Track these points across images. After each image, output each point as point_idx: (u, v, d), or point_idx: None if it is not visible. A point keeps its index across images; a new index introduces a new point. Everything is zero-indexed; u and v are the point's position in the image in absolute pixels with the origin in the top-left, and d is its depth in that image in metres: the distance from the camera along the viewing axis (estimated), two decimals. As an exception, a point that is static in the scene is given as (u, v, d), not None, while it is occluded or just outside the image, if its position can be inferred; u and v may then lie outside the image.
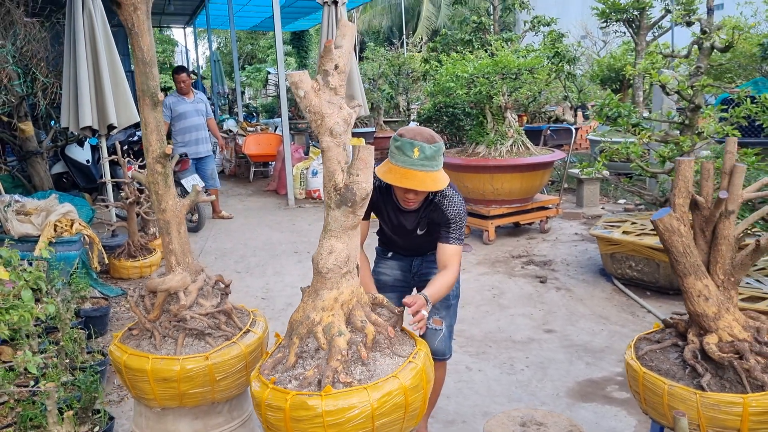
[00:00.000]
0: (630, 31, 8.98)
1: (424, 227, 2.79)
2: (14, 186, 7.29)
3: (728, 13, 11.90)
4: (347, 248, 2.20)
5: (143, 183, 2.60)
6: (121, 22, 2.42)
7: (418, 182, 2.44)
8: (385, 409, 2.01)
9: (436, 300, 2.58)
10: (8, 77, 6.47)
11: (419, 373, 2.13)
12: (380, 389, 2.02)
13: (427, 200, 2.69)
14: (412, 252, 3.04)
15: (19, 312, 1.99)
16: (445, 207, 2.66)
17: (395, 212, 2.79)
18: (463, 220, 2.69)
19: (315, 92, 2.07)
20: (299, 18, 19.66)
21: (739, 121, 4.74)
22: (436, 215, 2.69)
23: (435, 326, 2.86)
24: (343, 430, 1.98)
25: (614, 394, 3.59)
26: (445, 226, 2.66)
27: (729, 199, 2.23)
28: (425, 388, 2.16)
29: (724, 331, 2.23)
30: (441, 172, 2.53)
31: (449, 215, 2.65)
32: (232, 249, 7.01)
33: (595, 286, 5.34)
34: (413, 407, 2.12)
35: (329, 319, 2.16)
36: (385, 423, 2.03)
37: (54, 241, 4.88)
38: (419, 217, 2.76)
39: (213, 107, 18.91)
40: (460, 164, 6.80)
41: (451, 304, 2.94)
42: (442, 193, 2.67)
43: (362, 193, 2.11)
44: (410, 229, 2.83)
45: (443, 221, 2.66)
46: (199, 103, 7.82)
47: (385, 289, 3.04)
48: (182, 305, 2.57)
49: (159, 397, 2.54)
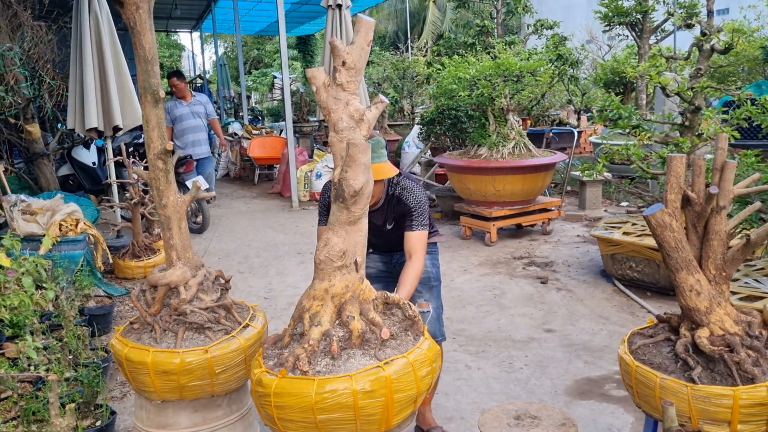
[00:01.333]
0: (633, 34, 9.01)
1: (392, 221, 2.95)
2: (21, 188, 7.36)
3: (733, 16, 11.91)
4: (343, 243, 2.23)
5: (145, 179, 2.65)
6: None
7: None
8: (326, 405, 2.03)
9: (409, 293, 2.73)
10: (15, 79, 6.55)
11: (382, 381, 2.08)
12: (325, 385, 2.04)
13: (389, 195, 2.90)
14: (389, 248, 3.16)
15: (20, 297, 2.04)
16: (405, 197, 2.86)
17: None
18: (423, 207, 2.87)
19: (324, 88, 2.13)
20: (305, 23, 19.77)
21: (739, 123, 4.77)
22: (399, 207, 2.89)
23: (422, 309, 2.91)
24: (285, 414, 2.09)
25: (612, 392, 3.62)
26: (408, 216, 2.86)
27: (720, 195, 2.26)
28: (388, 397, 2.09)
29: (716, 325, 2.25)
30: (386, 164, 2.75)
31: (410, 204, 2.85)
32: (235, 250, 7.06)
33: (595, 287, 5.36)
34: (367, 412, 2.07)
35: (317, 308, 2.22)
36: (328, 419, 2.05)
37: (59, 240, 4.94)
38: (385, 213, 2.94)
39: (218, 111, 19.06)
40: (462, 166, 6.83)
41: (433, 286, 3.07)
42: (401, 185, 2.89)
43: (350, 190, 2.15)
44: (380, 224, 2.98)
45: (406, 211, 2.86)
46: (196, 106, 7.88)
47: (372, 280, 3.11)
48: (182, 299, 2.61)
49: (159, 390, 2.58)
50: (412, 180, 2.93)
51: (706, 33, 5.08)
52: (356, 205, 2.18)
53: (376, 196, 2.82)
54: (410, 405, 2.18)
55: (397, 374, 2.11)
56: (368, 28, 2.24)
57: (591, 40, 15.31)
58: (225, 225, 8.34)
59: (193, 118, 7.83)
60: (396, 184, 2.89)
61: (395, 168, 2.81)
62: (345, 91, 2.23)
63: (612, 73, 11.01)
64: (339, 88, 2.21)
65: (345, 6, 8.76)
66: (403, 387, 2.13)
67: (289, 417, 2.10)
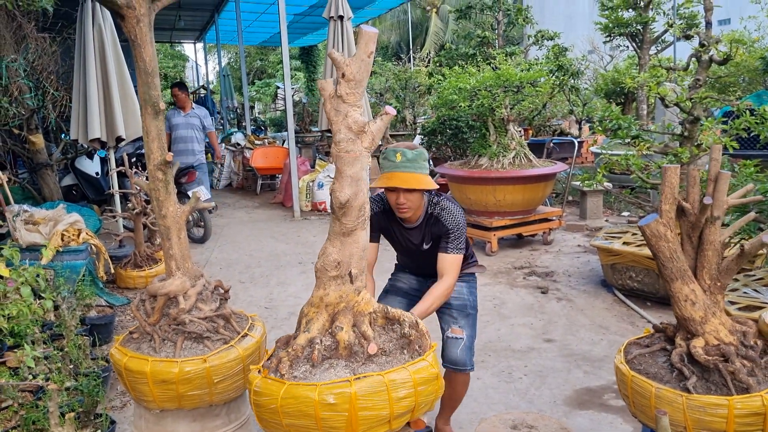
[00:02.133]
0: (633, 45, 9.06)
1: (429, 241, 2.91)
2: (24, 198, 7.41)
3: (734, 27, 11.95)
4: (338, 253, 2.25)
5: (145, 189, 2.68)
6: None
7: (402, 181, 2.64)
8: (290, 410, 2.08)
9: (427, 312, 2.67)
10: (19, 90, 6.62)
11: (346, 396, 2.05)
12: (292, 391, 2.09)
13: (427, 214, 2.85)
14: (424, 272, 3.11)
15: (18, 306, 2.06)
16: (444, 218, 2.81)
17: (401, 231, 2.95)
18: (461, 230, 2.81)
19: (329, 99, 2.16)
20: (308, 33, 19.89)
21: (738, 133, 4.79)
22: (437, 227, 2.83)
23: (455, 335, 2.86)
24: (261, 412, 2.19)
25: (611, 402, 3.62)
26: (444, 237, 2.80)
27: (714, 205, 2.27)
28: (352, 413, 2.06)
29: (711, 334, 2.26)
30: (425, 176, 2.68)
31: (448, 225, 2.79)
32: (237, 260, 7.09)
33: (596, 297, 5.37)
34: (329, 424, 2.06)
35: (313, 315, 2.25)
36: (293, 423, 2.09)
37: (61, 250, 4.97)
38: (423, 232, 2.89)
39: (221, 121, 19.14)
40: (462, 176, 6.86)
41: (469, 314, 2.98)
42: (441, 205, 2.83)
43: (336, 202, 2.19)
44: (417, 243, 2.94)
45: (443, 232, 2.81)
46: (192, 118, 8.05)
47: (398, 293, 3.13)
48: (181, 309, 2.63)
49: (158, 399, 2.59)
50: (452, 201, 2.88)
51: (704, 44, 5.11)
52: (346, 216, 2.20)
53: (414, 209, 2.78)
54: (382, 425, 2.12)
55: (364, 392, 2.07)
56: (368, 39, 2.24)
57: (593, 51, 15.37)
58: (227, 235, 8.36)
59: (187, 128, 7.99)
60: (436, 204, 2.85)
61: (434, 183, 2.74)
62: (345, 102, 2.24)
63: (613, 83, 11.05)
64: (339, 100, 2.24)
65: (347, 17, 8.82)
66: (371, 405, 2.08)
67: (263, 416, 2.19)
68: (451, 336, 2.87)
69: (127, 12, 2.42)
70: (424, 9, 28.09)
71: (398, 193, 2.70)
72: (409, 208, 2.74)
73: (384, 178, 2.70)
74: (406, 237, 2.95)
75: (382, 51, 27.70)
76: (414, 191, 2.71)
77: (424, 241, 2.92)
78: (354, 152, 2.18)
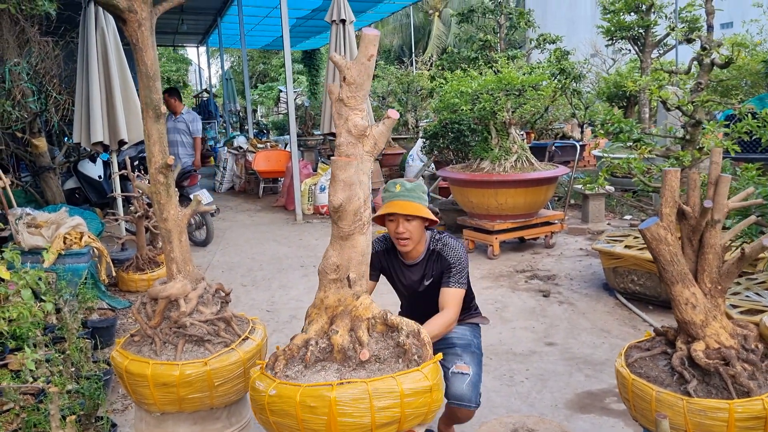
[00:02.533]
0: (635, 48, 9.06)
1: (430, 277, 2.90)
2: (27, 201, 7.42)
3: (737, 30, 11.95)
4: (337, 257, 2.26)
5: (146, 192, 2.68)
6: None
7: (399, 207, 2.71)
8: (275, 408, 2.12)
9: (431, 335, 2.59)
10: (22, 94, 6.64)
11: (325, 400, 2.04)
12: (278, 389, 2.12)
13: (429, 250, 2.88)
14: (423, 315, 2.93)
15: (18, 309, 2.07)
16: (446, 253, 2.84)
17: (402, 269, 2.96)
18: (463, 264, 2.83)
19: (335, 102, 2.17)
20: (310, 37, 19.94)
21: (740, 137, 4.79)
22: (439, 263, 2.86)
23: (461, 371, 2.80)
24: (257, 408, 2.22)
25: (612, 405, 3.61)
26: (447, 271, 2.82)
27: (714, 209, 2.27)
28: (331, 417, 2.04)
29: (711, 338, 2.26)
30: (423, 206, 2.76)
31: (450, 260, 2.82)
32: (239, 263, 7.09)
33: (597, 300, 5.36)
34: (310, 426, 2.09)
35: (314, 316, 2.26)
36: (279, 422, 2.14)
37: (63, 253, 4.98)
38: (424, 269, 2.91)
39: (224, 124, 19.17)
40: (464, 179, 6.86)
41: (474, 352, 2.94)
42: (443, 241, 2.87)
43: (331, 206, 2.22)
44: (417, 280, 2.93)
45: (445, 267, 2.83)
46: (179, 123, 8.21)
47: None
48: (182, 312, 2.64)
49: (159, 402, 2.60)
50: (454, 238, 2.92)
51: (706, 47, 5.11)
52: (342, 221, 2.20)
53: (414, 240, 2.80)
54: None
55: (344, 399, 2.04)
56: (369, 42, 2.23)
57: (595, 54, 15.37)
58: (229, 238, 8.38)
59: (173, 132, 8.14)
60: (438, 240, 2.88)
61: (432, 215, 2.80)
62: (346, 106, 2.25)
63: (615, 86, 11.05)
64: (341, 104, 2.24)
65: (349, 21, 8.84)
66: (351, 412, 2.05)
67: (255, 410, 2.26)
68: (456, 371, 2.79)
69: (128, 16, 2.43)
70: (426, 12, 28.15)
71: (397, 221, 2.76)
72: (408, 238, 2.77)
73: (384, 207, 2.79)
74: (408, 275, 2.95)
75: (385, 55, 27.75)
76: (413, 220, 2.76)
77: (425, 278, 2.91)
78: (353, 155, 2.18)
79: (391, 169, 13.27)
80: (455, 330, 2.90)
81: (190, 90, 33.20)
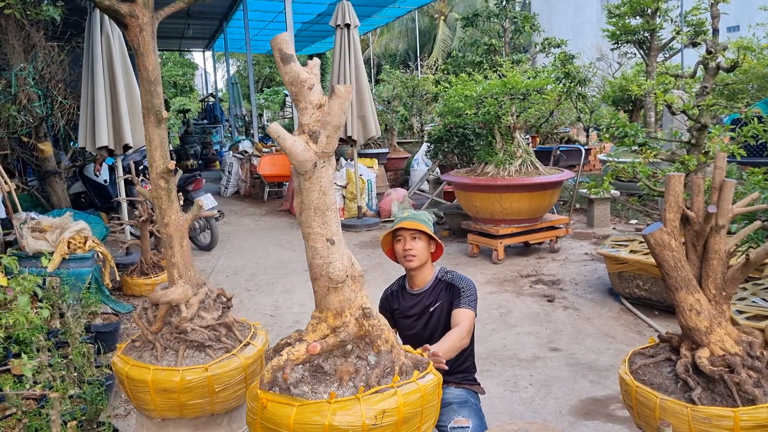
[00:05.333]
0: (641, 52, 9.03)
1: (437, 302, 2.90)
2: (33, 205, 7.45)
3: (743, 33, 11.89)
4: None
5: (148, 198, 2.68)
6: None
7: (409, 224, 2.82)
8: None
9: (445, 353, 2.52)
10: (29, 98, 6.67)
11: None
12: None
13: (437, 279, 2.93)
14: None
15: (15, 315, 2.06)
16: (454, 280, 2.89)
17: (410, 298, 2.97)
18: (472, 290, 2.87)
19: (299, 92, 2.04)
20: (316, 41, 20.00)
21: (747, 141, 4.75)
22: (447, 290, 2.89)
23: (460, 425, 2.73)
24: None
25: (617, 412, 3.58)
26: (456, 296, 2.84)
27: (719, 214, 2.25)
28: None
29: (716, 345, 2.23)
30: (428, 227, 2.84)
31: (459, 285, 2.86)
32: (243, 267, 7.09)
33: (602, 305, 5.33)
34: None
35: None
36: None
37: (67, 257, 4.99)
38: (431, 295, 2.92)
39: (230, 129, 19.20)
40: (469, 183, 6.84)
41: (472, 407, 2.87)
42: (452, 273, 2.94)
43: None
44: (425, 307, 2.91)
45: (455, 293, 2.86)
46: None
47: None
48: (183, 317, 2.63)
49: (159, 408, 2.59)
50: (465, 276, 2.97)
51: (711, 51, 5.08)
52: None
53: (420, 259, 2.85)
54: None
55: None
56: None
57: (601, 58, 15.34)
58: (233, 242, 8.38)
59: None
60: (447, 272, 2.96)
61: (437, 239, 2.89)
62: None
63: (621, 90, 11.02)
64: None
65: (353, 25, 8.83)
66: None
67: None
68: (455, 426, 2.72)
69: (130, 21, 2.43)
70: (432, 17, 28.16)
71: (404, 240, 2.84)
72: (414, 256, 2.83)
73: (392, 229, 2.90)
74: (415, 303, 2.94)
75: (390, 59, 27.77)
76: (418, 239, 2.83)
77: (432, 305, 2.91)
78: None
79: (396, 173, 13.26)
80: (451, 391, 2.86)
81: (196, 94, 33.31)
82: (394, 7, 14.63)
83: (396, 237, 2.90)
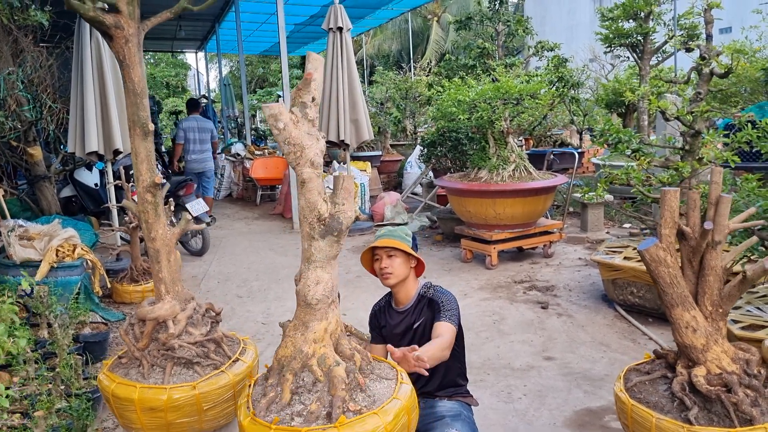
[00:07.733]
0: (634, 55, 9.01)
1: (420, 318, 2.93)
2: (22, 209, 7.37)
3: (735, 36, 11.91)
4: (332, 278, 2.20)
5: (134, 211, 2.63)
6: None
7: (384, 242, 2.84)
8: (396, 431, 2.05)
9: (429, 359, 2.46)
10: (18, 103, 6.58)
11: (412, 392, 2.18)
12: (389, 413, 2.04)
13: (419, 295, 2.95)
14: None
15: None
16: (437, 297, 2.90)
17: (395, 316, 2.99)
18: (453, 305, 2.87)
19: (294, 124, 2.07)
20: (308, 43, 19.90)
21: (740, 147, 4.72)
22: (429, 306, 2.90)
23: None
24: None
25: (612, 423, 3.54)
26: (437, 311, 2.85)
27: (715, 230, 2.21)
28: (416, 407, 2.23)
29: (713, 363, 2.20)
30: (405, 243, 2.84)
31: (438, 300, 2.87)
32: (235, 273, 7.03)
33: (596, 312, 5.30)
34: (412, 426, 2.17)
35: (322, 350, 2.15)
36: None
37: (55, 266, 4.92)
38: (415, 312, 2.94)
39: (222, 131, 19.13)
40: (462, 189, 6.80)
41: (465, 420, 2.84)
42: (434, 288, 2.96)
43: (347, 221, 2.16)
44: (409, 324, 2.93)
45: (435, 308, 2.87)
46: None
47: None
48: (171, 334, 2.58)
49: (146, 427, 2.53)
50: (446, 290, 2.98)
51: (705, 57, 5.05)
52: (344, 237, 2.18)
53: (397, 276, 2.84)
54: None
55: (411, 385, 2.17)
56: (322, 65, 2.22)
57: (594, 59, 15.33)
58: (225, 247, 8.31)
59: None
60: (429, 287, 2.97)
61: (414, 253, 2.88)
62: (315, 126, 2.17)
63: (614, 93, 11.01)
64: (311, 124, 2.14)
65: (346, 28, 8.77)
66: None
67: None
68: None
69: (115, 32, 2.38)
70: (425, 18, 28.14)
71: (381, 258, 2.85)
72: (391, 273, 2.83)
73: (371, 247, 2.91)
74: (400, 321, 2.96)
75: (383, 60, 27.72)
76: (394, 256, 2.83)
77: (415, 321, 2.94)
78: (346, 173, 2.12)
79: (390, 176, 13.22)
80: (444, 404, 2.85)
81: (189, 95, 33.15)
82: (387, 9, 14.58)
83: (374, 255, 2.91)
